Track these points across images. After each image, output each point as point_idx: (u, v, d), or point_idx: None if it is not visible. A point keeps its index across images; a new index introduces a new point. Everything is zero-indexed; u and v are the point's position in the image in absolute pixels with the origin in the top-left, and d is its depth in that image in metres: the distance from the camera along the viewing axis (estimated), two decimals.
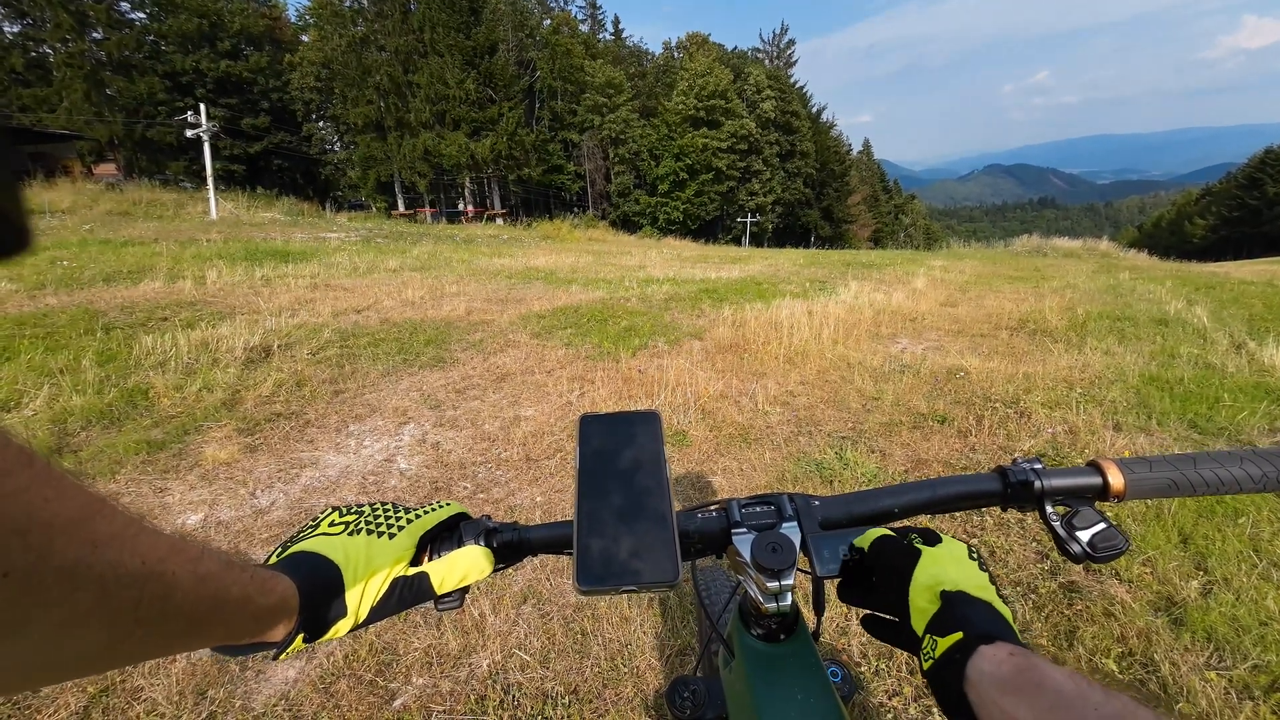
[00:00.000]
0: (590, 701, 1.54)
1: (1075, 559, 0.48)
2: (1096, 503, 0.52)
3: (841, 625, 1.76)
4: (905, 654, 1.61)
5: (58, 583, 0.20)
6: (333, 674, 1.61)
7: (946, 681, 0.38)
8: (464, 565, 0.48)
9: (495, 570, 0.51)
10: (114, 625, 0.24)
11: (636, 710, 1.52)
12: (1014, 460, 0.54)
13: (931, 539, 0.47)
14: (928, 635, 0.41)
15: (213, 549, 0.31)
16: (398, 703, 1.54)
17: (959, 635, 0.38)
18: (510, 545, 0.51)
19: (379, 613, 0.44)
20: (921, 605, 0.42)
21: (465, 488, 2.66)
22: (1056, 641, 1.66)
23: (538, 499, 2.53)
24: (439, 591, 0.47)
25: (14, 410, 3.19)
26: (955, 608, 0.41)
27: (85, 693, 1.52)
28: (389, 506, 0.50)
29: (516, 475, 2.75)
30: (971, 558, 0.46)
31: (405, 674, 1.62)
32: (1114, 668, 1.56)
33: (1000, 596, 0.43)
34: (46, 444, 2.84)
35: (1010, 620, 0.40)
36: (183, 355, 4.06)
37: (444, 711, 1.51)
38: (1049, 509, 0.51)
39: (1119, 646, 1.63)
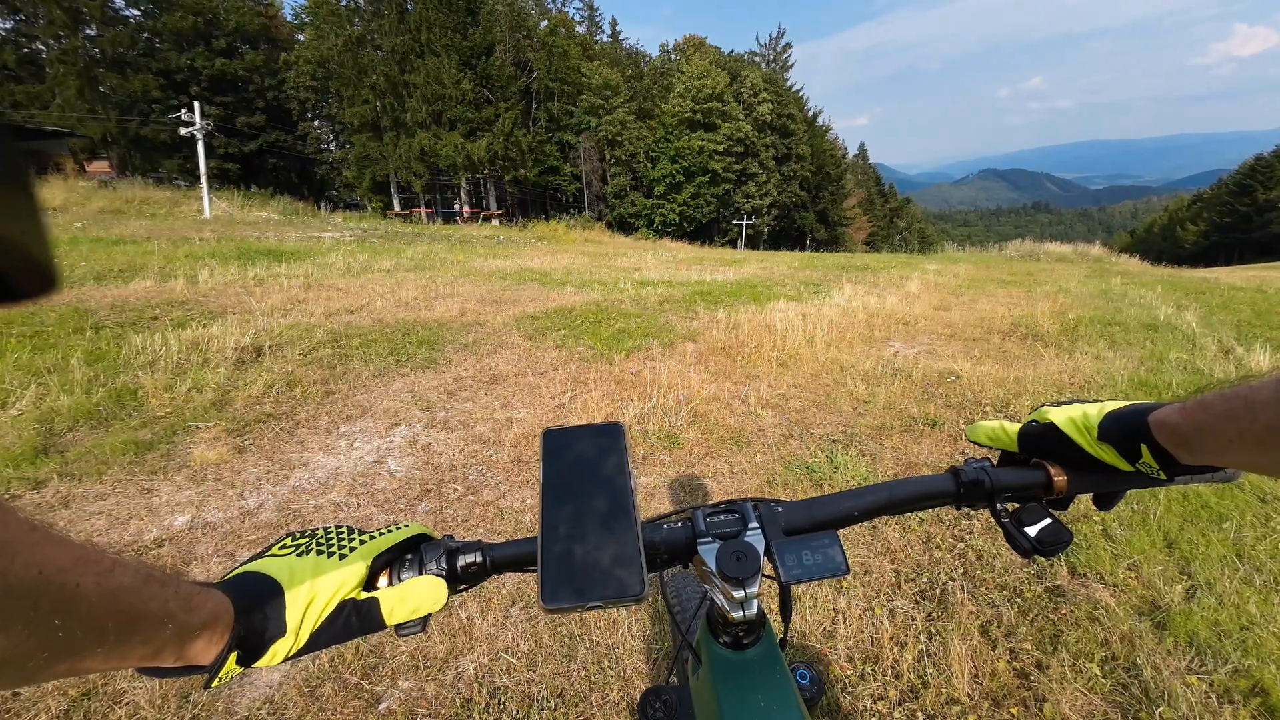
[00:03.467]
0: (576, 705, 1.54)
1: (1024, 553, 0.50)
2: (1044, 499, 0.54)
3: (829, 629, 1.77)
4: (892, 656, 1.62)
5: None
6: (318, 677, 1.61)
7: (1186, 475, 0.46)
8: (416, 596, 0.45)
9: (459, 590, 0.49)
10: (5, 638, 0.23)
11: (622, 714, 1.51)
12: (966, 461, 0.56)
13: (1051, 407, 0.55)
14: (1139, 467, 0.47)
15: (130, 562, 0.30)
16: (383, 706, 1.53)
17: (1144, 448, 0.45)
18: (473, 566, 0.49)
19: (322, 636, 0.41)
20: (1105, 456, 0.49)
21: (456, 489, 2.65)
22: (1041, 645, 1.67)
23: (528, 501, 2.53)
24: (389, 622, 0.44)
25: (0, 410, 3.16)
26: (1118, 437, 0.48)
27: (66, 696, 1.50)
28: (344, 529, 0.47)
29: (508, 477, 2.75)
30: (1072, 399, 0.55)
31: (391, 677, 1.62)
32: (1097, 672, 1.57)
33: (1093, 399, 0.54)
34: (32, 444, 2.81)
35: (1119, 403, 0.50)
36: (173, 355, 4.03)
37: (429, 715, 1.51)
38: (999, 506, 0.53)
39: (1103, 650, 1.65)
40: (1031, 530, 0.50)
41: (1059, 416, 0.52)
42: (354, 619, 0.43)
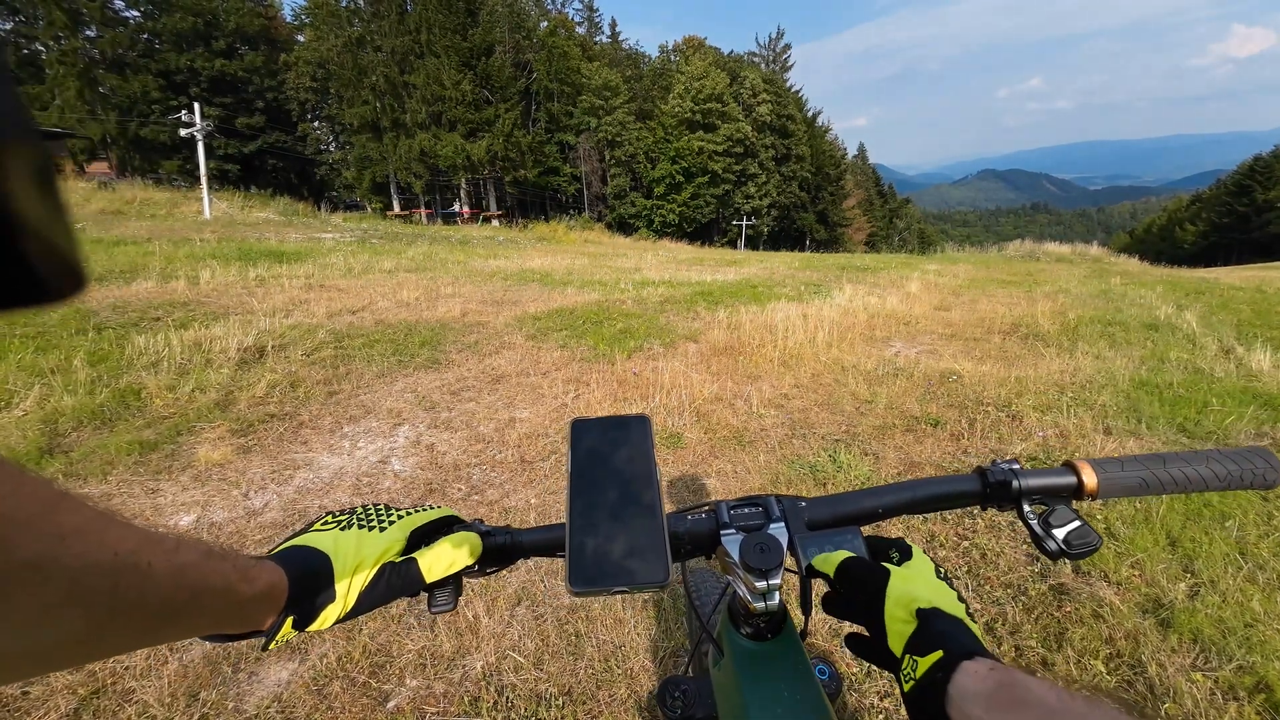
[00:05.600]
0: (584, 703, 1.54)
1: (1052, 556, 0.50)
2: (1072, 502, 0.53)
3: (835, 626, 1.77)
4: None
5: (23, 576, 0.21)
6: (326, 675, 1.61)
7: (928, 702, 0.37)
8: (451, 551, 0.48)
9: (489, 573, 0.52)
10: (89, 616, 0.24)
11: (629, 711, 1.52)
12: (993, 461, 0.56)
13: (903, 553, 0.47)
14: (907, 656, 0.40)
15: (191, 540, 0.32)
16: (391, 704, 1.54)
17: (939, 654, 0.38)
18: (503, 548, 0.51)
19: (367, 599, 0.44)
20: (898, 625, 0.42)
21: (459, 489, 2.66)
22: (1046, 643, 1.68)
23: (532, 500, 2.53)
24: (428, 579, 0.47)
25: (4, 411, 3.16)
26: (932, 625, 0.40)
27: (75, 695, 1.51)
28: (382, 507, 0.51)
29: (511, 477, 2.75)
30: (940, 575, 0.46)
31: (399, 675, 1.62)
32: (1102, 669, 1.58)
33: (968, 614, 0.43)
34: (37, 444, 2.82)
35: (980, 637, 0.40)
36: (175, 355, 4.03)
37: (438, 713, 1.52)
38: (1026, 508, 0.53)
39: (1107, 648, 1.65)
40: (1059, 532, 0.50)
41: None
42: (395, 579, 0.46)
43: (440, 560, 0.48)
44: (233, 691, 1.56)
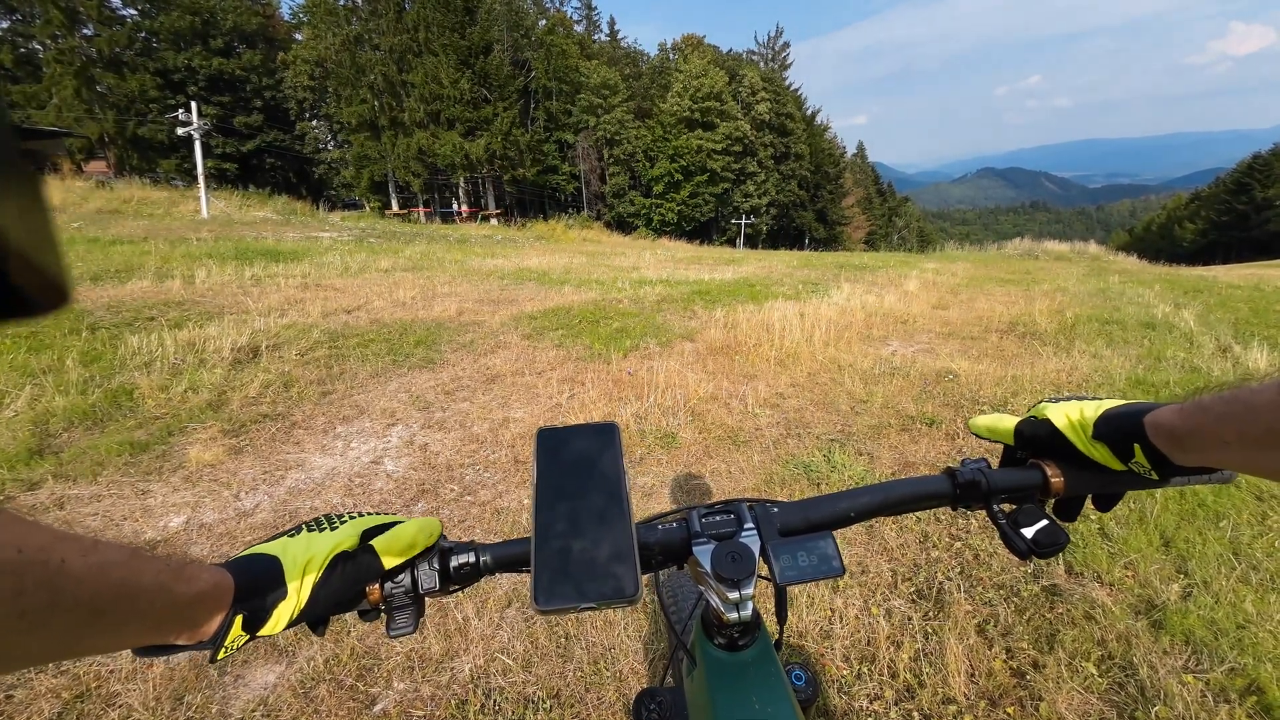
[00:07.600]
0: (572, 705, 1.53)
1: (1021, 555, 0.49)
2: (1040, 500, 0.53)
3: (825, 629, 1.76)
4: (888, 656, 1.62)
5: None
6: (312, 678, 1.60)
7: (1172, 474, 0.46)
8: (410, 533, 0.46)
9: (451, 591, 0.49)
10: None
11: (618, 715, 1.51)
12: (962, 462, 0.55)
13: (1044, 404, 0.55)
14: (1133, 465, 0.47)
15: (113, 541, 0.30)
16: (378, 707, 1.53)
17: (1139, 450, 0.45)
18: (466, 567, 0.49)
19: (323, 593, 0.42)
20: (1098, 453, 0.49)
21: (452, 490, 2.64)
22: (1038, 644, 1.67)
23: (525, 501, 2.52)
24: (386, 565, 0.45)
25: None
26: (1108, 431, 0.47)
27: (59, 698, 1.50)
28: (333, 515, 0.49)
29: (505, 477, 2.74)
30: (1061, 399, 0.54)
31: (386, 678, 1.61)
32: (1093, 671, 1.57)
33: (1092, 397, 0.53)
34: (27, 445, 2.80)
35: (1117, 402, 0.50)
36: (169, 355, 4.02)
37: (424, 716, 1.50)
38: (995, 508, 0.53)
39: (1099, 650, 1.64)
40: (1028, 531, 0.50)
41: (1056, 414, 0.52)
42: (351, 568, 0.44)
43: (398, 541, 0.45)
44: (218, 695, 1.55)
